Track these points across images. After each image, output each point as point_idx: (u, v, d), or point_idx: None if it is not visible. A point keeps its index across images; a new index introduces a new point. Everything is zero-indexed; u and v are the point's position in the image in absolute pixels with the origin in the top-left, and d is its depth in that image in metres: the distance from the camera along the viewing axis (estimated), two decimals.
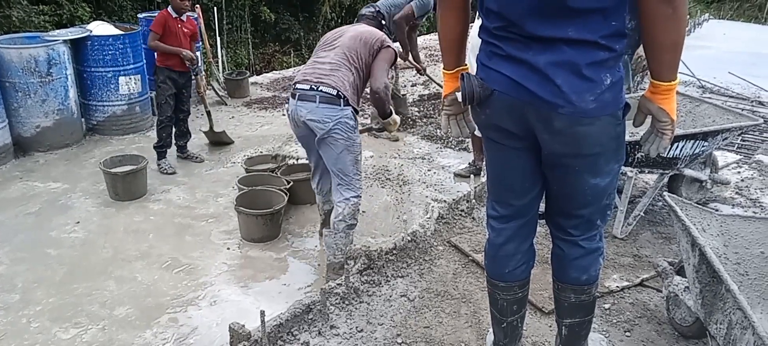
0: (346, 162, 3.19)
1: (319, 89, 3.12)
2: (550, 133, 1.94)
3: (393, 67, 3.65)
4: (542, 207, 2.30)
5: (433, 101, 6.87)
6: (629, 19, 1.89)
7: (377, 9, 3.65)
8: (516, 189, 2.18)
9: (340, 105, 3.11)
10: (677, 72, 1.86)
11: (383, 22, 3.65)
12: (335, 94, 3.10)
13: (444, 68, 2.18)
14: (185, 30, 4.70)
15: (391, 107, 3.48)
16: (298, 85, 3.20)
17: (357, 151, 3.23)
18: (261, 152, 5.09)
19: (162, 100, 4.71)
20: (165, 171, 4.72)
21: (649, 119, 1.98)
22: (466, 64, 2.16)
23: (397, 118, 3.56)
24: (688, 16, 12.92)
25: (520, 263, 2.28)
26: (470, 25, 2.24)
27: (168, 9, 4.64)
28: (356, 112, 3.22)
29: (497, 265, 2.30)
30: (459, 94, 2.08)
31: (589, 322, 2.36)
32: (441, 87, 3.37)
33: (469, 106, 2.14)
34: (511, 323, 2.40)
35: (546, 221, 2.28)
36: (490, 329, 2.59)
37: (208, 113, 5.27)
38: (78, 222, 3.97)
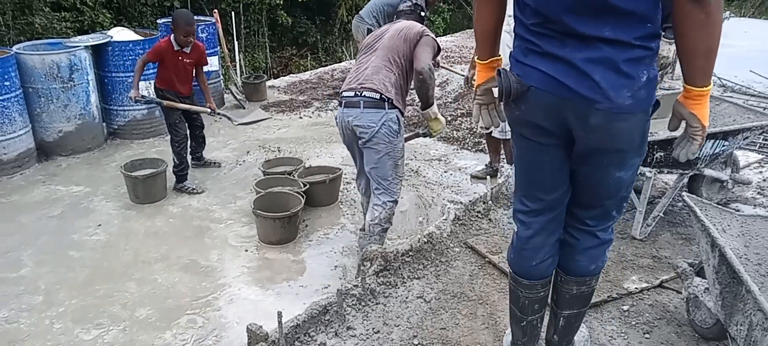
0: (386, 167, 3.21)
1: (363, 95, 3.13)
2: (586, 129, 1.95)
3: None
4: None
5: (449, 104, 6.86)
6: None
7: (415, 1, 3.59)
8: (546, 185, 2.19)
9: (384, 108, 3.12)
10: (710, 78, 1.84)
11: (422, 13, 3.60)
12: (379, 97, 3.11)
13: (478, 58, 2.22)
14: (187, 61, 4.49)
15: (434, 99, 3.35)
16: (344, 93, 3.23)
17: (398, 156, 3.24)
18: (278, 155, 5.13)
19: (173, 120, 4.49)
20: (194, 190, 4.53)
21: (683, 124, 1.96)
22: (500, 56, 2.20)
23: (441, 117, 3.42)
24: None
25: (547, 257, 2.28)
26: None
27: (171, 38, 4.41)
28: (402, 113, 3.22)
29: (523, 258, 2.30)
30: (496, 90, 2.09)
31: (584, 313, 2.43)
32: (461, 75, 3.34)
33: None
34: (531, 322, 2.40)
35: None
36: (508, 329, 2.59)
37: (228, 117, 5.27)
38: (99, 225, 4.04)
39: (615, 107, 1.86)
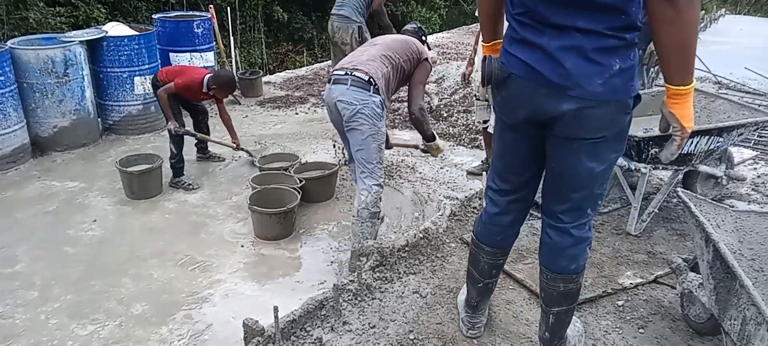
0: (371, 149, 3.27)
1: (353, 74, 3.24)
2: (560, 114, 2.02)
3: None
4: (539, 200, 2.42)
5: (444, 100, 6.86)
6: (644, 14, 1.89)
7: (419, 26, 3.94)
8: (517, 168, 2.33)
9: (369, 91, 3.21)
10: (689, 77, 1.86)
11: (424, 38, 3.85)
12: (367, 80, 3.21)
13: (483, 41, 2.36)
14: (207, 98, 4.60)
15: (433, 130, 3.72)
16: (334, 73, 3.34)
17: (381, 139, 3.31)
18: (274, 151, 5.12)
19: (173, 112, 4.43)
20: (190, 186, 4.51)
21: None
22: (502, 39, 2.26)
23: (441, 143, 3.82)
24: (704, 12, 12.79)
25: (509, 235, 2.48)
26: None
27: (204, 80, 4.39)
28: (384, 104, 3.29)
29: (488, 232, 2.49)
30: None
31: (573, 309, 2.47)
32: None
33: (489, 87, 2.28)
34: (487, 284, 2.61)
35: (541, 210, 2.39)
36: (464, 288, 2.80)
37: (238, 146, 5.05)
38: (95, 220, 4.03)
39: (587, 94, 1.93)
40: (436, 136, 3.74)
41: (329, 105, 3.35)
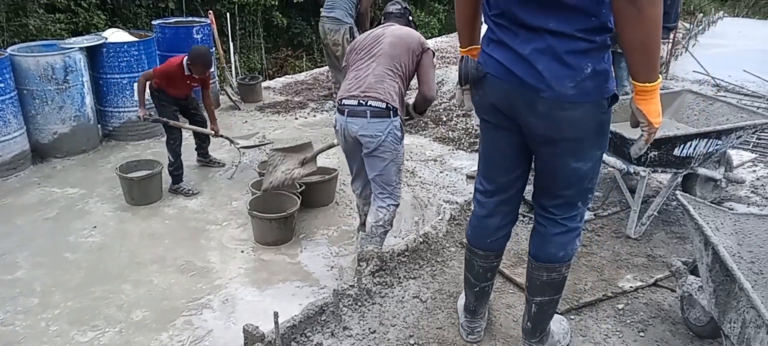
0: (390, 173, 3.21)
1: (368, 104, 3.07)
2: (535, 116, 2.07)
3: None
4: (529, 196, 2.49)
5: (443, 104, 6.87)
6: None
7: (404, 5, 3.58)
8: (501, 167, 2.37)
9: (389, 117, 3.09)
10: (654, 73, 1.90)
11: (411, 17, 3.59)
12: (384, 107, 3.07)
13: (460, 46, 2.39)
14: (194, 85, 4.52)
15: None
16: (345, 101, 3.14)
17: (401, 161, 3.25)
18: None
19: (169, 118, 4.46)
20: (190, 192, 4.52)
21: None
22: (479, 44, 2.31)
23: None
24: (702, 14, 12.81)
25: (500, 236, 2.51)
26: None
27: (183, 62, 4.34)
28: (402, 120, 3.21)
29: (479, 235, 2.53)
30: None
31: (557, 301, 2.50)
32: None
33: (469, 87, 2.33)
34: (483, 288, 2.65)
35: (533, 202, 2.44)
36: (462, 293, 2.83)
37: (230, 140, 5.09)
38: (95, 227, 4.03)
39: (559, 96, 1.97)
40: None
41: (346, 137, 3.21)
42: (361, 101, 3.08)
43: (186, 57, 4.36)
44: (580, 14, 1.88)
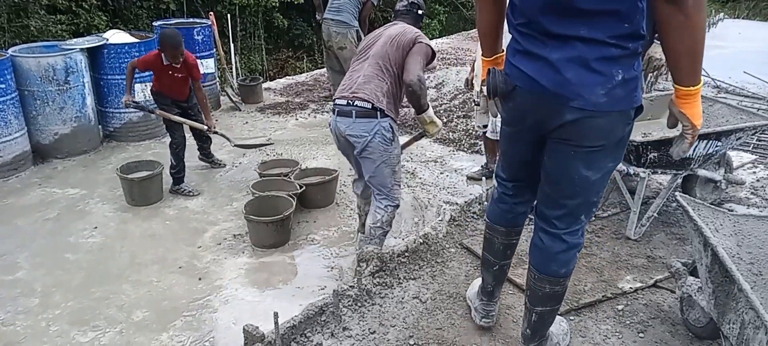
0: (384, 175, 3.20)
1: (355, 103, 3.10)
2: (562, 125, 2.04)
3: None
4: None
5: (444, 105, 6.88)
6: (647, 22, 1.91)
7: (411, 0, 3.47)
8: (520, 165, 2.45)
9: (376, 117, 3.08)
10: (698, 78, 1.87)
11: (420, 12, 3.51)
12: (371, 107, 3.07)
13: (483, 55, 2.36)
14: (178, 76, 4.39)
15: (428, 103, 3.21)
16: (337, 101, 3.20)
17: (395, 162, 3.22)
18: (274, 157, 5.14)
19: (171, 122, 4.46)
20: (190, 193, 4.53)
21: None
22: (503, 51, 2.29)
23: (436, 120, 3.25)
24: None
25: (520, 213, 2.57)
26: None
27: (161, 52, 4.32)
28: (395, 121, 3.18)
29: (499, 213, 2.59)
30: (485, 87, 2.26)
31: (557, 310, 2.50)
32: None
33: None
34: (502, 266, 2.68)
35: (534, 214, 2.44)
36: (474, 282, 2.86)
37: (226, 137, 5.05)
38: (96, 227, 4.04)
39: (589, 105, 1.94)
40: (430, 107, 3.21)
41: (338, 136, 3.25)
42: (349, 101, 3.13)
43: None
44: (612, 20, 1.84)
